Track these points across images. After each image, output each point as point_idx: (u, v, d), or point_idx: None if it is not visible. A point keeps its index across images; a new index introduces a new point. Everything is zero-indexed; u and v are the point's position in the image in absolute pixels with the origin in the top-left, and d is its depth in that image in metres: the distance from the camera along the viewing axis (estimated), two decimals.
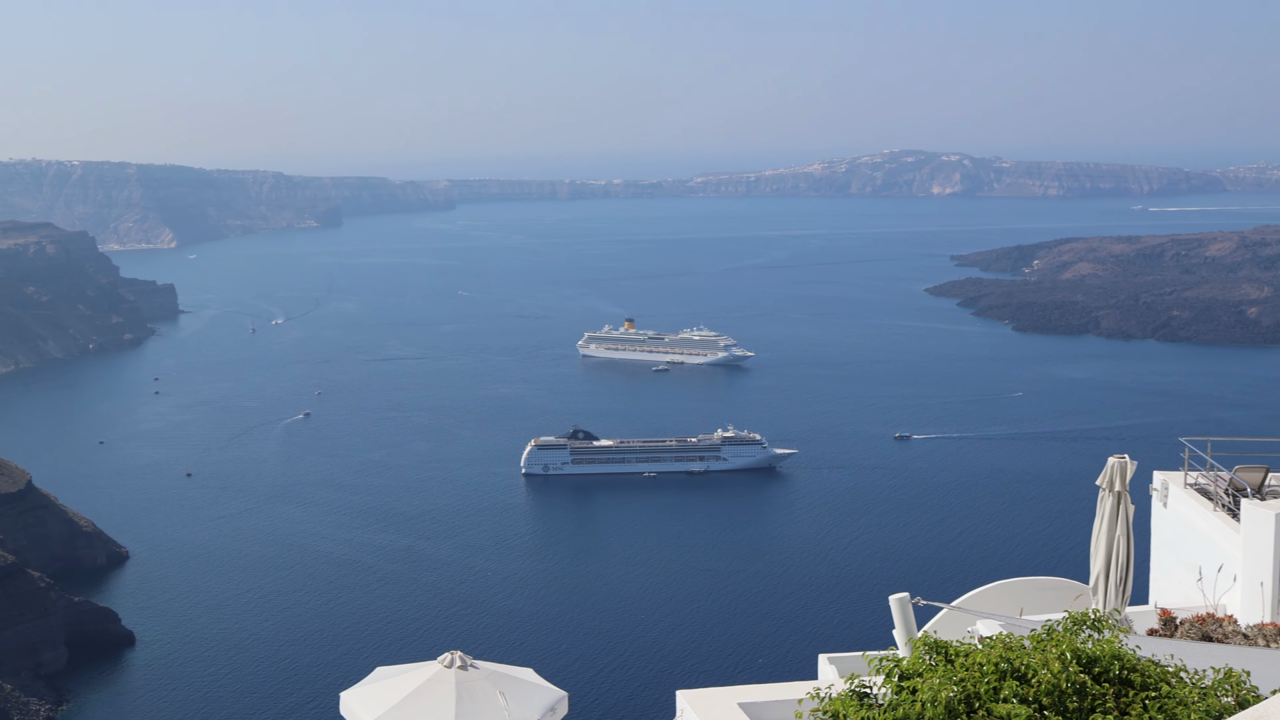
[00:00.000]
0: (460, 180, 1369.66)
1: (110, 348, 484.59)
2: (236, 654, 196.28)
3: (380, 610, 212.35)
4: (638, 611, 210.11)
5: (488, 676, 19.28)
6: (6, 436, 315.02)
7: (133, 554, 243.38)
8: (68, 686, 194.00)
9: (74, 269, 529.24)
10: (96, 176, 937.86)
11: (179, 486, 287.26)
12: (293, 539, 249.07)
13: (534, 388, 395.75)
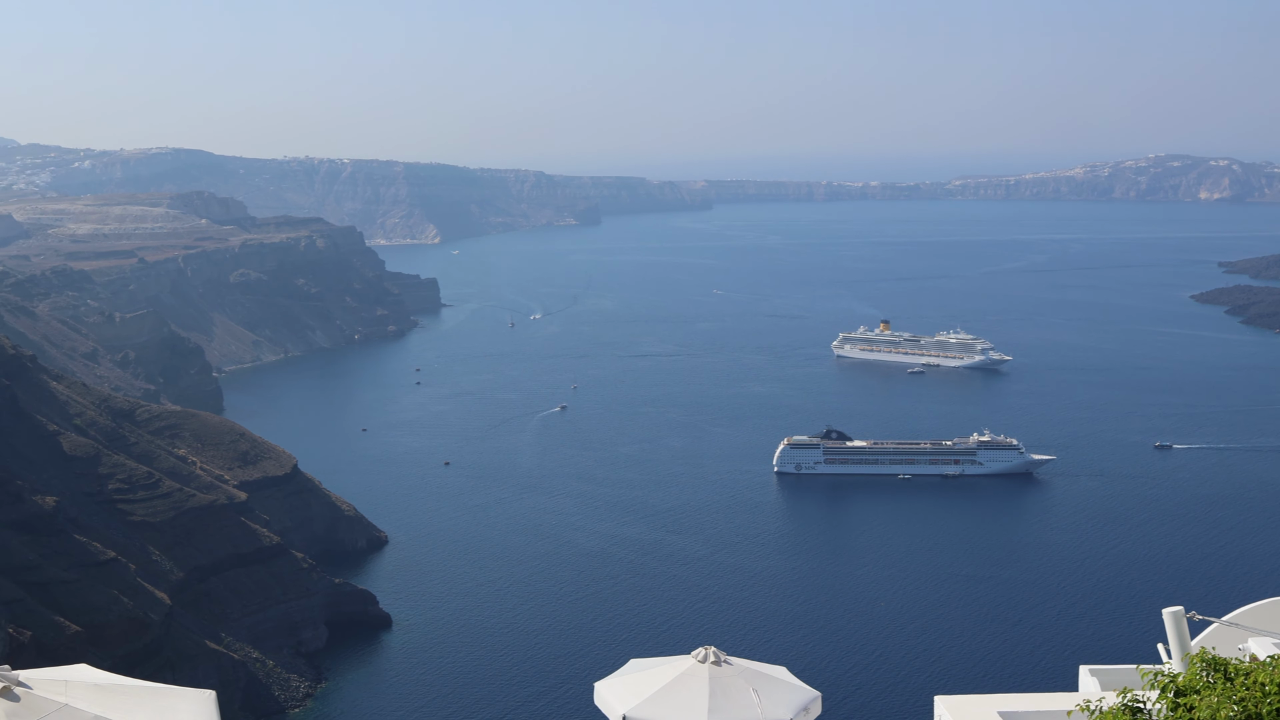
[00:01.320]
0: (717, 180, 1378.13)
1: (375, 339, 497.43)
2: (490, 640, 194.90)
3: (632, 603, 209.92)
4: (891, 614, 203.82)
5: (741, 673, 19.15)
6: (276, 422, 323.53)
7: (391, 539, 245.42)
8: (326, 664, 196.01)
9: (342, 263, 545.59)
10: (365, 174, 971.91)
11: (437, 475, 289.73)
12: (546, 529, 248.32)
13: (787, 387, 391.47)
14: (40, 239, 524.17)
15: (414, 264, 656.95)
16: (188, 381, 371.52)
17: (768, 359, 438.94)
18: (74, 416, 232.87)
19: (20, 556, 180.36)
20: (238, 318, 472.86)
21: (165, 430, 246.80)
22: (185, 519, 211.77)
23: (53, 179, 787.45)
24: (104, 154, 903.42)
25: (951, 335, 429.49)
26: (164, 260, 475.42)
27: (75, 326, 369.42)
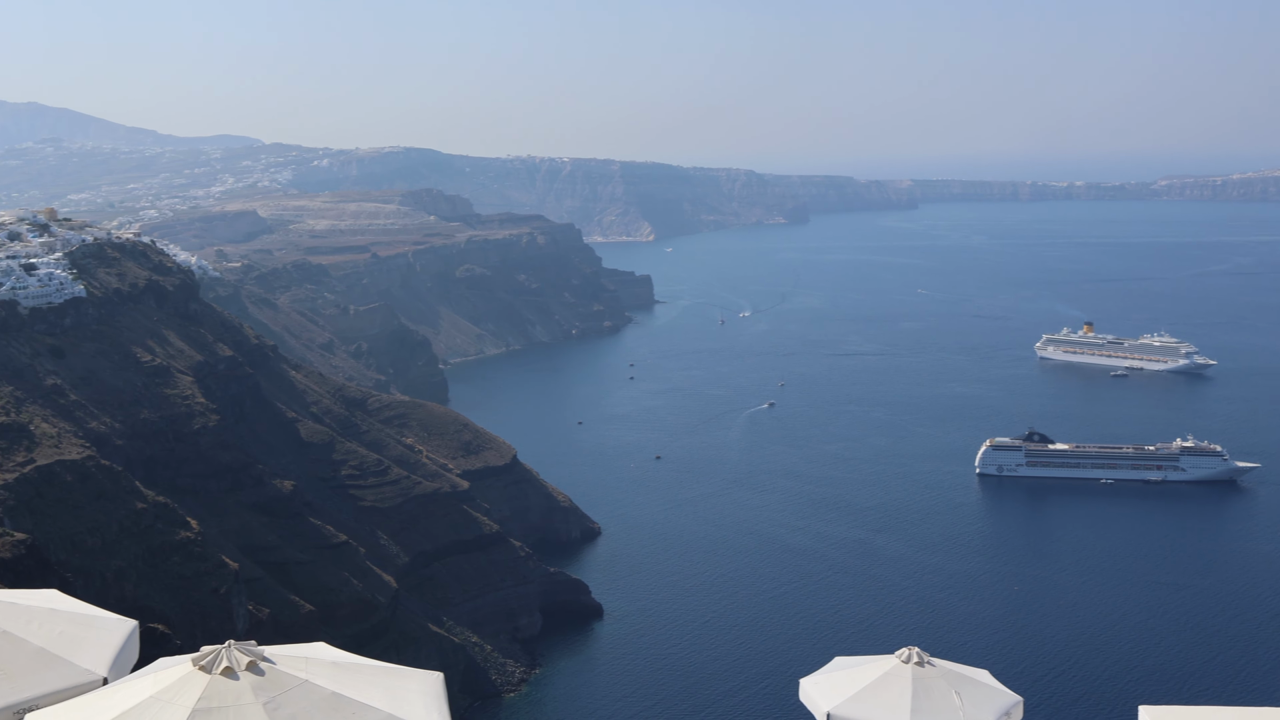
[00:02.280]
0: (923, 180, 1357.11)
1: (591, 334, 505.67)
2: (697, 633, 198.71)
3: (835, 600, 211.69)
4: (1093, 620, 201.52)
5: (944, 675, 19.06)
6: (497, 413, 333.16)
7: (604, 530, 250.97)
8: (541, 651, 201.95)
9: (561, 259, 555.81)
10: (584, 173, 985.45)
11: (649, 468, 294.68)
12: (752, 525, 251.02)
13: (990, 388, 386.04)
14: (282, 234, 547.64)
15: (629, 261, 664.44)
16: (415, 372, 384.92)
17: (970, 359, 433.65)
18: (311, 405, 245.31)
19: (261, 538, 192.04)
20: (463, 312, 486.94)
21: (394, 419, 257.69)
22: (411, 505, 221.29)
23: (294, 177, 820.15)
24: (341, 153, 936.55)
25: (1155, 338, 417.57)
26: (395, 255, 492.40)
27: (313, 318, 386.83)
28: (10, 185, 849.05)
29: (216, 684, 12.44)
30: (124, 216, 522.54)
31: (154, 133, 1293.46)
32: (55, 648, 14.10)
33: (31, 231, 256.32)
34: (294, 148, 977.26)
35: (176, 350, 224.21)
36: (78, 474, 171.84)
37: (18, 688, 13.42)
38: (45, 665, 13.83)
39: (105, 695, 13.03)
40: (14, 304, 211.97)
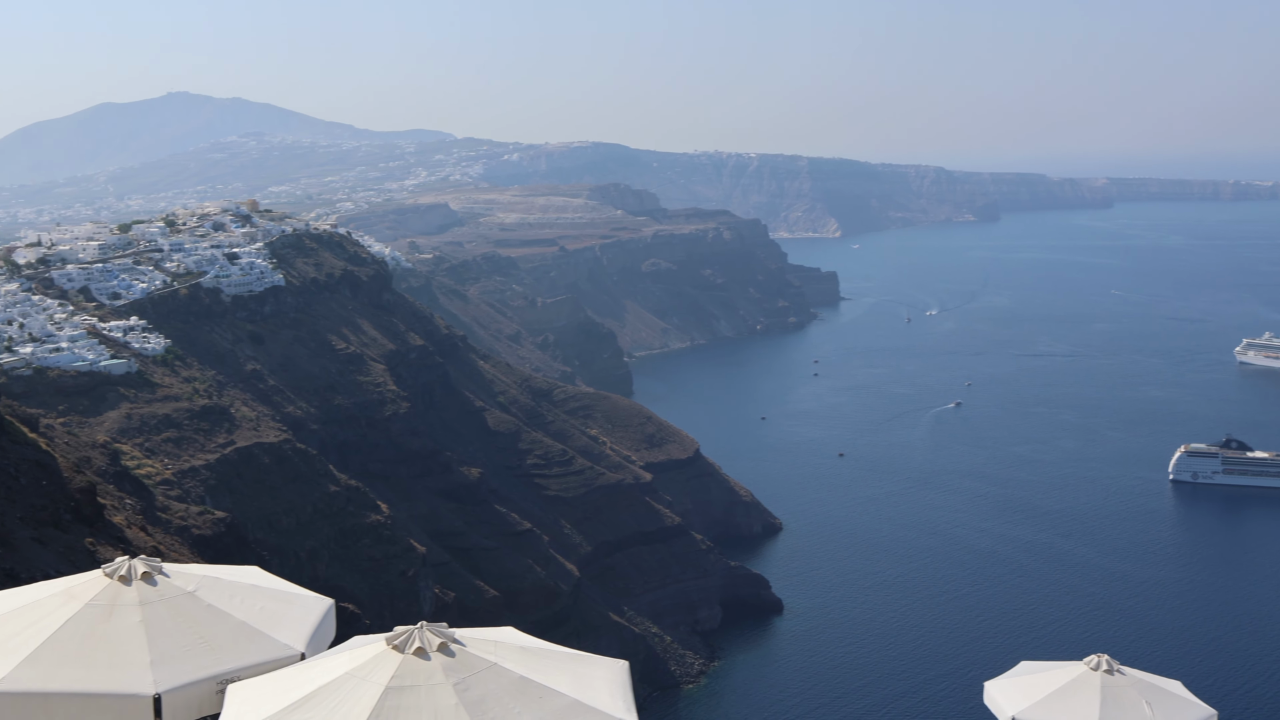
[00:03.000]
0: (1119, 179, 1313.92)
1: (775, 330, 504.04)
2: (877, 632, 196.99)
3: (1019, 604, 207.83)
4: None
5: (1134, 684, 18.48)
6: (680, 407, 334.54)
7: (785, 526, 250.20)
8: (720, 644, 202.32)
9: (747, 254, 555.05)
10: (771, 168, 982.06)
11: (831, 465, 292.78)
12: (935, 525, 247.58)
13: (1185, 392, 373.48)
14: (473, 227, 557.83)
15: (815, 257, 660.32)
16: (601, 365, 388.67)
17: (1165, 363, 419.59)
18: (498, 394, 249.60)
19: (448, 523, 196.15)
20: (648, 305, 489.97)
21: (579, 410, 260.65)
22: (595, 496, 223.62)
23: (485, 170, 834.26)
24: (530, 147, 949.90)
25: None
26: (582, 249, 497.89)
27: (501, 310, 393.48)
28: (215, 178, 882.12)
29: (409, 663, 12.73)
30: (321, 208, 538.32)
31: (351, 127, 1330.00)
32: (256, 622, 14.64)
33: (234, 222, 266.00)
34: (485, 142, 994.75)
35: (370, 339, 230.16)
36: (275, 456, 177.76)
37: (220, 659, 13.97)
38: (247, 639, 14.37)
39: (303, 670, 13.43)
40: (218, 291, 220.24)
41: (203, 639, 14.16)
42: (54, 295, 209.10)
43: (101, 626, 14.20)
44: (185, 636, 14.15)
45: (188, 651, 13.96)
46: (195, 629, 14.27)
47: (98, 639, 14.04)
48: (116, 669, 13.68)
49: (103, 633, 14.11)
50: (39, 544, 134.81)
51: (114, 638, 14.03)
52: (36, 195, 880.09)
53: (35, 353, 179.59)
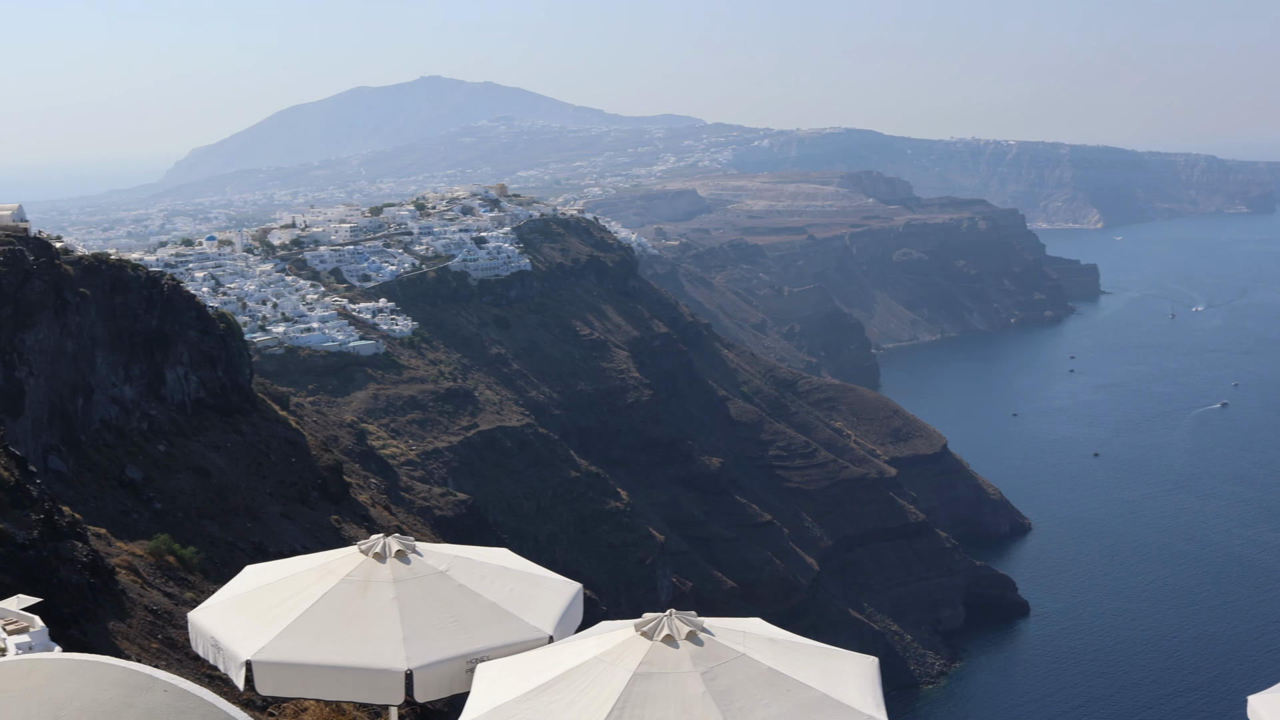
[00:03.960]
0: None
1: (1030, 323, 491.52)
2: (1129, 639, 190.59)
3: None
4: None
5: None
6: (928, 401, 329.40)
7: (1034, 526, 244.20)
8: (962, 645, 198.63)
9: (1002, 245, 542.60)
10: (1030, 156, 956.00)
11: (1085, 465, 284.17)
12: (1195, 531, 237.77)
13: None
14: (720, 214, 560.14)
15: (1074, 249, 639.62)
16: (847, 356, 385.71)
17: None
18: (741, 384, 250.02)
19: (688, 512, 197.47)
20: (898, 296, 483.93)
21: (824, 402, 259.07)
22: (837, 489, 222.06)
23: (734, 157, 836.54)
24: (781, 133, 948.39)
25: None
26: (831, 237, 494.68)
27: (747, 298, 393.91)
28: (465, 161, 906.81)
29: (657, 650, 12.67)
30: (569, 193, 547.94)
31: (600, 112, 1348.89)
32: (506, 604, 14.81)
33: (483, 206, 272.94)
34: (734, 128, 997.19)
35: (614, 325, 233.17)
36: (517, 440, 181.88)
37: (471, 639, 14.17)
38: (497, 620, 14.54)
39: (551, 653, 13.51)
40: (465, 275, 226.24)
41: (454, 618, 14.38)
42: (306, 276, 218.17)
43: (356, 602, 14.54)
44: (437, 615, 14.39)
45: (439, 630, 14.20)
46: (447, 608, 14.51)
47: (353, 614, 14.37)
48: (370, 643, 13.99)
49: (358, 608, 14.45)
50: (287, 519, 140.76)
51: (368, 613, 14.35)
52: (291, 178, 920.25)
53: (287, 332, 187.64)
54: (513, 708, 12.33)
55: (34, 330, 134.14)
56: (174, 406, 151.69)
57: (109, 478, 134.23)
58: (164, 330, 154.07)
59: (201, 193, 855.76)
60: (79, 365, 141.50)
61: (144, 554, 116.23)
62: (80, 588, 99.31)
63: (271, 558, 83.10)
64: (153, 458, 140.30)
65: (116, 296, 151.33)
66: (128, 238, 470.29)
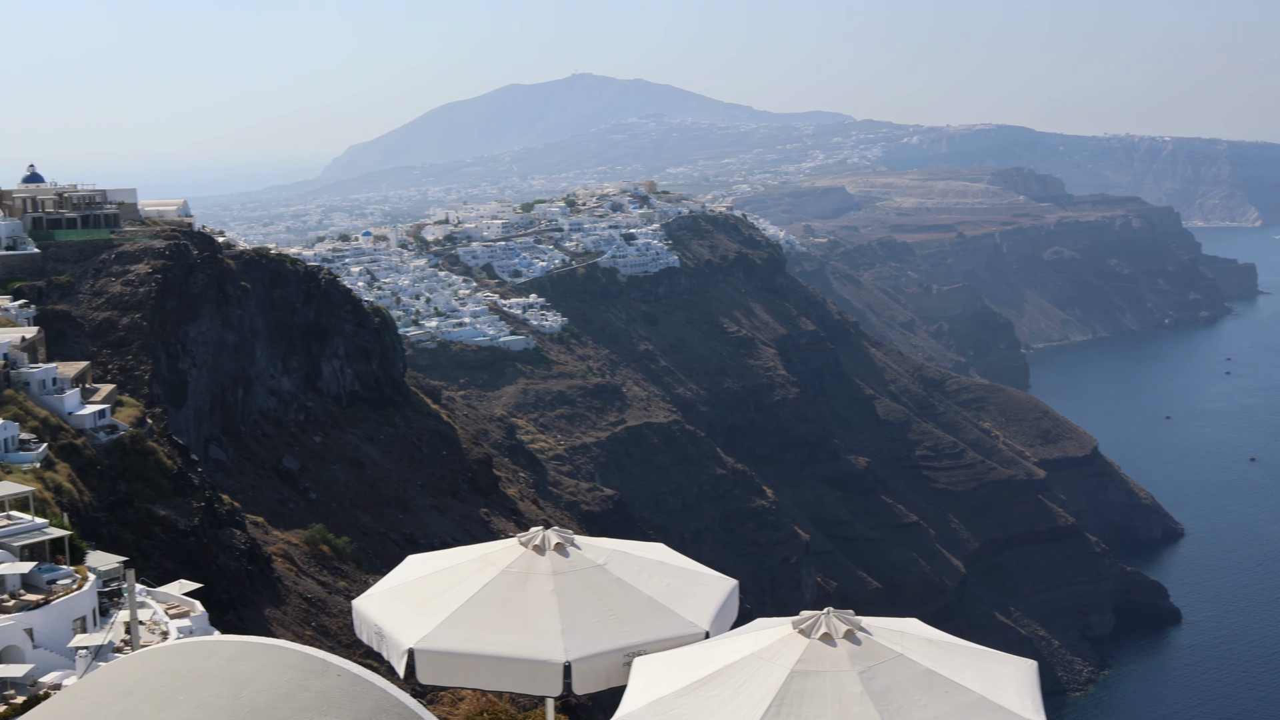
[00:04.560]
0: None
1: (1184, 324, 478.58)
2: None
3: None
4: None
5: None
6: (1078, 402, 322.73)
7: (1187, 532, 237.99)
8: (1111, 652, 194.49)
9: (1156, 244, 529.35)
10: (1186, 152, 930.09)
11: (1241, 469, 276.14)
12: None
13: None
14: (868, 211, 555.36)
15: (1231, 247, 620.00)
16: (996, 356, 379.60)
17: None
18: (889, 383, 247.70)
19: (833, 511, 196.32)
20: (1048, 295, 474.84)
21: (972, 402, 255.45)
22: (985, 491, 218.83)
23: (882, 154, 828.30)
24: (931, 130, 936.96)
25: None
26: (981, 235, 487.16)
27: (895, 296, 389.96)
28: (615, 158, 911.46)
29: (814, 648, 12.66)
30: (717, 190, 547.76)
31: (749, 109, 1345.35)
32: (663, 598, 14.95)
33: (632, 203, 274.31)
34: (884, 124, 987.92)
35: (761, 322, 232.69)
36: (664, 437, 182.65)
37: (628, 632, 14.33)
38: (654, 614, 14.68)
39: (708, 648, 13.59)
40: (614, 271, 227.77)
41: (612, 611, 14.56)
42: (459, 271, 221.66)
43: (516, 593, 14.80)
44: (595, 608, 14.58)
45: (597, 622, 14.39)
46: (605, 601, 14.69)
47: (513, 605, 14.64)
48: (530, 635, 14.23)
49: (518, 599, 14.71)
50: (437, 511, 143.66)
51: (528, 605, 14.61)
52: (445, 174, 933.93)
53: (440, 327, 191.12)
54: (670, 702, 12.43)
55: (197, 323, 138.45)
56: (329, 398, 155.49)
57: (266, 467, 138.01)
58: (321, 324, 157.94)
59: (358, 189, 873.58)
60: (239, 357, 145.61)
61: (299, 542, 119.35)
62: (238, 574, 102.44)
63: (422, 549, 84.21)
64: (308, 448, 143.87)
65: (276, 290, 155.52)
66: (287, 233, 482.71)
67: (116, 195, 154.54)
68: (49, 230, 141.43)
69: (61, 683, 50.08)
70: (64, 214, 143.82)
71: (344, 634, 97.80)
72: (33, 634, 52.21)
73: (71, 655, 51.98)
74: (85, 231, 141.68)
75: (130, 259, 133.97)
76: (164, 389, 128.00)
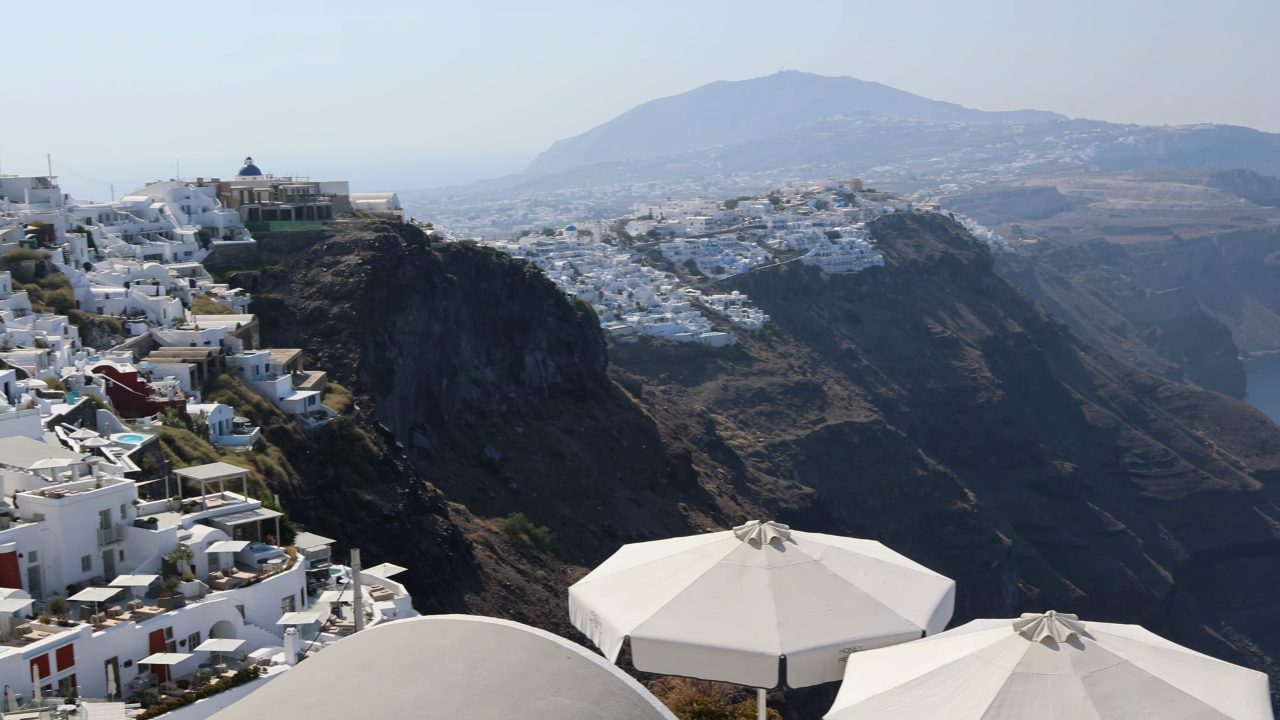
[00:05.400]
0: None
1: None
2: None
3: None
4: None
5: None
6: None
7: None
8: None
9: None
10: None
11: None
12: None
13: None
14: (1080, 212, 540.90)
15: None
16: (1211, 362, 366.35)
17: None
18: (1098, 388, 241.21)
19: (1036, 516, 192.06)
20: (1269, 301, 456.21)
21: (1184, 410, 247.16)
22: (1196, 501, 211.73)
23: (1096, 154, 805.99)
24: (1148, 130, 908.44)
25: None
26: (1198, 239, 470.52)
27: (1106, 299, 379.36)
28: (819, 156, 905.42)
29: (1036, 651, 12.49)
30: (924, 189, 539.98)
31: (959, 107, 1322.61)
32: (879, 595, 14.89)
33: (837, 201, 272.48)
34: (1098, 124, 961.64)
35: (966, 323, 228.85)
36: (864, 436, 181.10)
37: (844, 628, 14.32)
38: (870, 611, 14.64)
39: (925, 647, 13.48)
40: (817, 269, 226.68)
41: (828, 607, 14.55)
42: (661, 267, 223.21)
43: (732, 585, 14.90)
44: (811, 603, 14.59)
45: (813, 617, 14.39)
46: (821, 596, 14.69)
47: (728, 597, 14.75)
48: (745, 627, 14.32)
49: (733, 591, 14.81)
50: (635, 504, 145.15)
51: (744, 597, 14.69)
52: (649, 170, 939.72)
53: (641, 322, 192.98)
54: (887, 699, 12.39)
55: (404, 313, 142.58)
56: (531, 390, 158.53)
57: (469, 456, 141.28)
58: (524, 316, 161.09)
59: (563, 184, 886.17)
60: (444, 348, 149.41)
61: (499, 530, 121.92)
62: (440, 560, 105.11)
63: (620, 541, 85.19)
64: (510, 439, 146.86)
65: (481, 282, 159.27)
66: (492, 226, 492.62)
67: (329, 188, 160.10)
68: (264, 221, 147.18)
69: (271, 659, 52.06)
70: (279, 205, 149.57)
71: (541, 622, 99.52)
72: (244, 611, 54.38)
73: (280, 632, 53.93)
74: (299, 223, 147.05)
75: (341, 250, 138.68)
76: (371, 377, 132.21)
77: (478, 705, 8.80)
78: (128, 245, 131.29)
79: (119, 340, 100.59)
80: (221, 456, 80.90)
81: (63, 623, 48.96)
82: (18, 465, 57.66)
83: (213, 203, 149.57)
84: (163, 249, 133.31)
